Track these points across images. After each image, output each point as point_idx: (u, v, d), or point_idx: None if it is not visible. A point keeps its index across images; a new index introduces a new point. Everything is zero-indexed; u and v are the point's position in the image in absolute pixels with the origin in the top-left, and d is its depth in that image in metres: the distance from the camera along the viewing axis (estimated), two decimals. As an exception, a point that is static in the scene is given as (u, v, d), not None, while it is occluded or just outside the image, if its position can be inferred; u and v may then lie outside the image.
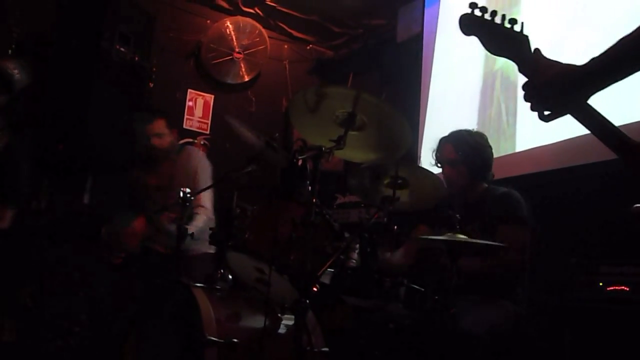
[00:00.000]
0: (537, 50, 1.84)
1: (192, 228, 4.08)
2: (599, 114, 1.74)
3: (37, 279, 4.91)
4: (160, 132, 4.52)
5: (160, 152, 4.55)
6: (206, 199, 4.46)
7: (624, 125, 1.86)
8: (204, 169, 4.61)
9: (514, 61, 1.86)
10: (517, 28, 1.85)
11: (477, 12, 1.85)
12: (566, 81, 1.73)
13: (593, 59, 1.69)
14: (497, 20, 1.85)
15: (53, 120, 4.82)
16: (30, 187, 4.45)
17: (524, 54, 1.84)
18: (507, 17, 1.85)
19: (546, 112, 1.79)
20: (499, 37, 1.85)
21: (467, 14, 1.86)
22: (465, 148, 3.39)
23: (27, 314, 4.82)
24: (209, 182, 4.53)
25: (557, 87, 1.74)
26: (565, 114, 1.77)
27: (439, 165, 3.52)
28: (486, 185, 3.46)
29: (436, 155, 3.53)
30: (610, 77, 1.69)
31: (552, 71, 1.76)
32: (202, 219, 4.32)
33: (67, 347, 4.78)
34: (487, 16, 1.85)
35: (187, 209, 3.55)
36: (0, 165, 4.07)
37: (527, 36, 1.85)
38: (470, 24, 1.87)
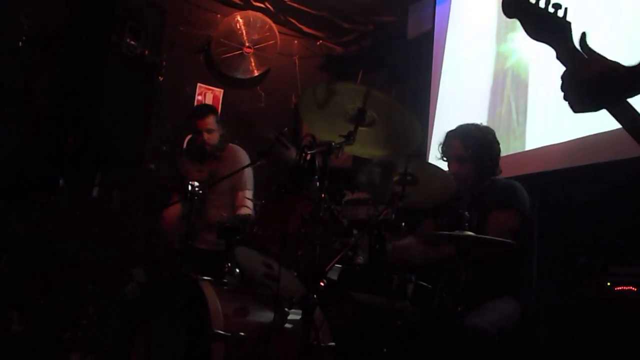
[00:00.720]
0: (583, 36, 1.77)
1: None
2: (634, 109, 1.69)
3: (45, 272, 4.94)
4: (211, 127, 4.59)
5: (210, 148, 4.60)
6: (248, 199, 4.52)
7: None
8: (250, 169, 4.61)
9: (553, 47, 1.80)
10: (560, 13, 1.80)
11: None
12: (614, 80, 1.66)
13: None
14: (541, 4, 1.80)
15: (63, 113, 4.83)
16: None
17: (564, 41, 1.78)
18: (551, 2, 1.79)
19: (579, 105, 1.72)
20: (541, 21, 1.80)
21: None
22: (474, 145, 3.34)
23: (35, 306, 4.84)
24: (252, 183, 4.60)
25: (603, 85, 1.67)
26: (601, 109, 1.71)
27: (444, 159, 3.49)
28: (491, 179, 3.44)
29: (442, 149, 3.49)
30: None
31: (598, 66, 1.69)
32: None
33: (74, 339, 4.81)
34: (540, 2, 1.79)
35: (193, 202, 3.54)
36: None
37: (570, 22, 1.80)
38: (514, 5, 1.84)
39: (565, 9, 1.79)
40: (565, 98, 1.73)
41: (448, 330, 2.76)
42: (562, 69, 1.75)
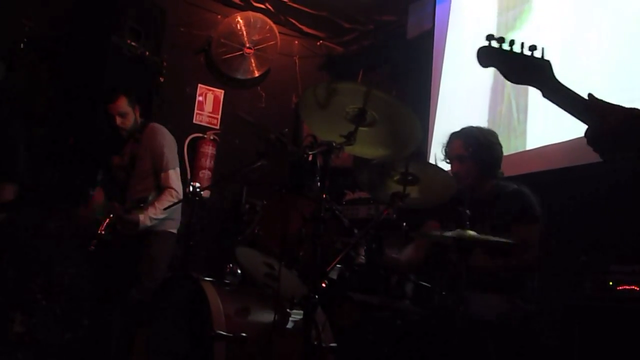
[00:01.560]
0: (590, 95, 1.81)
1: (155, 212, 4.15)
2: None
3: (47, 274, 4.95)
4: (123, 110, 4.38)
5: (124, 132, 4.43)
6: (174, 178, 4.33)
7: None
8: (171, 147, 4.43)
9: (537, 87, 1.84)
10: (537, 54, 1.83)
11: (495, 44, 1.84)
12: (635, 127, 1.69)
13: None
14: (517, 48, 1.84)
15: (64, 114, 4.83)
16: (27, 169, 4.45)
17: (546, 79, 1.83)
18: (525, 45, 1.84)
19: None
20: (519, 65, 1.84)
21: (484, 47, 1.87)
22: (475, 144, 3.38)
23: (37, 307, 4.85)
24: (176, 161, 4.43)
25: (628, 134, 1.71)
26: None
27: (447, 161, 3.52)
28: (495, 182, 3.45)
29: (445, 150, 3.52)
30: None
31: (616, 117, 1.72)
32: (168, 200, 4.22)
33: (76, 340, 4.82)
34: (505, 46, 1.84)
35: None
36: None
37: (548, 61, 1.83)
38: (488, 57, 1.87)
39: (542, 49, 1.83)
40: (595, 150, 1.76)
41: (449, 329, 2.76)
42: (563, 67, 1.76)
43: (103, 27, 4.97)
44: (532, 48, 1.83)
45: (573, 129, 3.81)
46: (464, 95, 4.99)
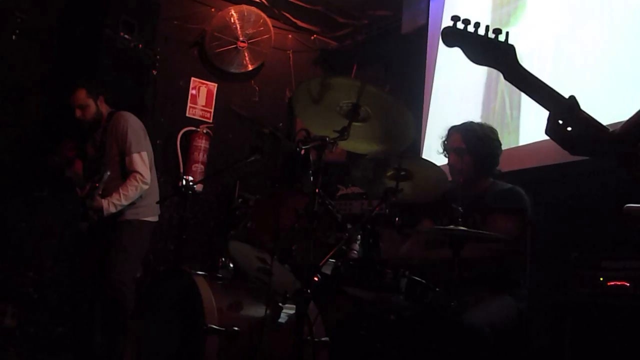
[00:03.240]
0: (572, 97, 1.85)
1: (119, 198, 4.14)
2: None
3: (38, 267, 4.94)
4: (82, 103, 4.36)
5: (86, 124, 4.42)
6: (139, 162, 4.29)
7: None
8: (135, 132, 4.36)
9: (498, 69, 1.91)
10: (501, 38, 1.87)
11: (460, 25, 1.88)
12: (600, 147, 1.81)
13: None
14: (481, 31, 1.88)
15: (57, 106, 4.81)
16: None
17: (509, 62, 1.89)
18: (490, 28, 1.88)
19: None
20: (482, 47, 1.88)
21: (448, 27, 1.90)
22: (473, 138, 3.39)
23: (28, 301, 4.84)
24: (141, 145, 4.37)
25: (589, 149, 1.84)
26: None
27: (445, 154, 3.52)
28: (491, 180, 3.46)
29: (444, 142, 3.53)
30: None
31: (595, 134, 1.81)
32: (133, 185, 4.20)
33: (67, 334, 4.81)
34: (470, 28, 1.88)
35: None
36: None
37: (512, 45, 1.88)
38: (453, 37, 1.90)
39: (507, 32, 1.88)
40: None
41: (441, 325, 2.77)
42: (557, 63, 1.79)
43: (96, 20, 4.94)
44: (497, 31, 1.87)
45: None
46: (457, 92, 4.99)
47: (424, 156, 4.76)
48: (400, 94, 5.53)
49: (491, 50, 1.88)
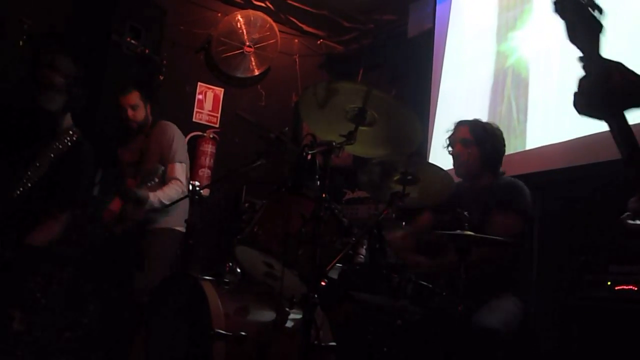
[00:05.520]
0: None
1: (163, 196, 4.12)
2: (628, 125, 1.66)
3: (46, 272, 4.94)
4: (135, 103, 4.44)
5: (135, 124, 4.48)
6: (180, 171, 4.36)
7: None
8: (180, 142, 4.47)
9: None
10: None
11: None
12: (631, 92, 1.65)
13: None
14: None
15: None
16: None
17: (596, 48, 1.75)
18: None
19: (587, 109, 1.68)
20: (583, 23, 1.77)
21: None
22: (481, 131, 3.42)
23: (36, 305, 4.85)
24: (184, 156, 4.46)
25: (620, 96, 1.65)
26: (605, 118, 1.67)
27: (450, 149, 3.52)
28: (494, 179, 3.46)
29: (450, 136, 3.54)
30: None
31: (620, 77, 1.66)
32: (174, 189, 4.23)
33: (75, 339, 4.81)
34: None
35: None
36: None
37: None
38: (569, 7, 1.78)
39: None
40: (576, 101, 1.69)
41: (451, 329, 2.77)
42: (564, 67, 1.76)
43: (103, 25, 4.97)
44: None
45: (572, 129, 3.83)
46: (464, 95, 4.99)
47: (430, 160, 4.75)
48: (407, 98, 5.52)
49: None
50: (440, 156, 3.71)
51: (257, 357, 2.67)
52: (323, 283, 2.37)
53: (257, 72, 6.40)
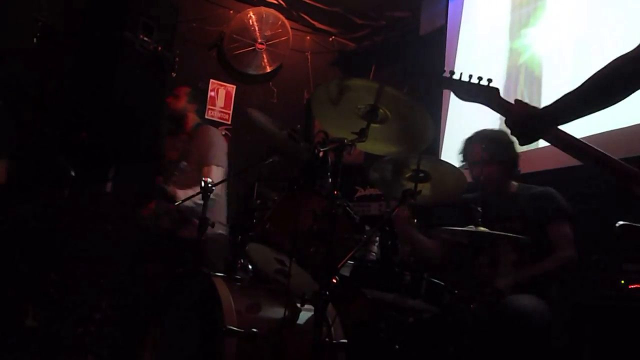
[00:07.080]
0: (517, 100, 2.51)
1: (194, 193, 4.10)
2: (566, 135, 2.50)
3: (60, 267, 4.97)
4: (178, 93, 4.60)
5: (174, 112, 4.60)
6: (216, 175, 4.34)
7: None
8: (220, 146, 4.52)
9: (486, 105, 2.55)
10: (484, 83, 2.60)
11: (456, 76, 2.64)
12: (530, 119, 2.43)
13: (560, 98, 2.35)
14: (464, 78, 2.64)
15: (77, 109, 4.85)
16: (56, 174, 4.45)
17: (494, 100, 2.55)
18: (474, 76, 2.62)
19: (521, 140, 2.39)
20: (469, 90, 2.59)
21: (443, 76, 2.62)
22: (493, 147, 3.38)
23: (49, 300, 4.88)
24: (222, 161, 4.48)
25: (525, 124, 2.43)
26: (536, 140, 2.51)
27: (466, 167, 3.51)
28: (516, 184, 3.46)
29: (463, 156, 3.52)
30: (575, 112, 2.43)
31: (523, 112, 2.46)
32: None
33: (87, 334, 4.84)
34: (464, 78, 2.62)
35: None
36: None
37: (496, 88, 2.57)
38: (443, 84, 2.62)
39: (489, 79, 2.61)
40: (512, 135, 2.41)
41: (461, 327, 2.76)
42: (577, 64, 1.87)
43: (115, 23, 4.98)
44: (480, 78, 2.60)
45: (586, 126, 3.80)
46: (476, 92, 4.96)
47: (442, 157, 4.73)
48: (419, 95, 5.50)
49: (477, 93, 2.58)
50: (453, 153, 3.69)
51: (268, 354, 2.68)
52: (334, 280, 2.37)
53: (269, 69, 6.41)
